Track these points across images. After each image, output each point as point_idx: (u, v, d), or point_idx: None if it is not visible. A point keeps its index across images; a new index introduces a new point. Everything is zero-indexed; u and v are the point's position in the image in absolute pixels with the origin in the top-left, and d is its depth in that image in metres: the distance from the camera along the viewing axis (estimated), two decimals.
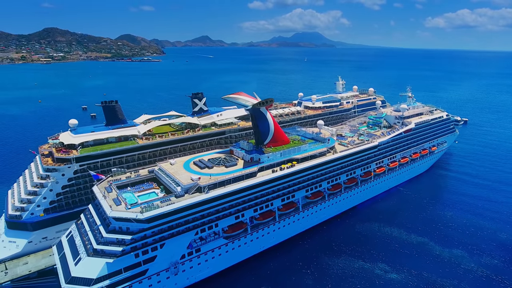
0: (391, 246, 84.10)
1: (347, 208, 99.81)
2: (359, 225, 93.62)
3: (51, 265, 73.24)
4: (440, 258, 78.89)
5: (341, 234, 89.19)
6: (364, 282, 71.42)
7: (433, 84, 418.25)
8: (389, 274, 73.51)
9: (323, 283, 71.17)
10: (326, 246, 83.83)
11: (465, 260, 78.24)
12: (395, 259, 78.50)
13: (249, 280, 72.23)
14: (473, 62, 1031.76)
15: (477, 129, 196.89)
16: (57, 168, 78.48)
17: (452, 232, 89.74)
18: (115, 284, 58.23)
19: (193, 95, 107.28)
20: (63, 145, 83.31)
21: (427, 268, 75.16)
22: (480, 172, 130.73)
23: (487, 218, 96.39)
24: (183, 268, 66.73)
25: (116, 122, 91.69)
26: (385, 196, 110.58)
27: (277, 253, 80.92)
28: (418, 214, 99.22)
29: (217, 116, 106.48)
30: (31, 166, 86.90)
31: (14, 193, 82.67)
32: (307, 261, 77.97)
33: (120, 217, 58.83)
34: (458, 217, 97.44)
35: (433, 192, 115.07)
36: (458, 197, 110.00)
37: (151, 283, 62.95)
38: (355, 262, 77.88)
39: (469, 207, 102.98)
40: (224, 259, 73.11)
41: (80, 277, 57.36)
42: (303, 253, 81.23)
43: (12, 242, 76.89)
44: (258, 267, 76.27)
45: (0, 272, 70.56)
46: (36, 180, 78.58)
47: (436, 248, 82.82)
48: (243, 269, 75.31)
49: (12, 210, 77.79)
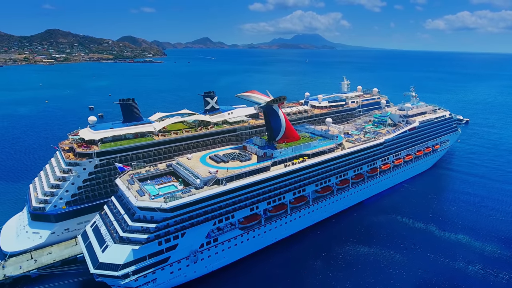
0: (398, 234, 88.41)
1: (354, 203, 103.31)
2: (366, 218, 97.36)
3: (74, 254, 76.89)
4: (446, 245, 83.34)
5: (350, 226, 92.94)
6: (372, 265, 75.62)
7: (434, 85, 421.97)
8: (396, 257, 77.23)
9: (335, 268, 74.72)
10: (336, 237, 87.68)
11: (470, 245, 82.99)
12: (402, 246, 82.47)
13: (264, 268, 75.67)
14: (473, 64, 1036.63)
15: (478, 129, 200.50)
16: (79, 163, 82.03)
17: (456, 221, 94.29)
18: (140, 270, 61.69)
19: (205, 93, 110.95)
20: (83, 140, 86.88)
21: (434, 253, 78.84)
22: (481, 171, 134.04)
23: (488, 213, 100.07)
24: (202, 257, 70.20)
25: (133, 119, 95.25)
26: (390, 192, 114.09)
27: (289, 244, 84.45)
28: (423, 208, 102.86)
29: (228, 114, 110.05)
30: (51, 161, 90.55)
31: (37, 187, 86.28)
32: (318, 250, 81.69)
33: (146, 206, 62.38)
34: (462, 210, 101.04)
35: (437, 189, 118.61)
36: (460, 194, 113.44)
37: (173, 270, 66.41)
38: (364, 249, 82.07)
39: (472, 203, 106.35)
40: (240, 249, 76.57)
41: (107, 263, 60.81)
42: (314, 243, 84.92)
43: (36, 233, 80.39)
44: (272, 257, 79.78)
45: (27, 261, 73.94)
46: (59, 174, 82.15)
47: (442, 235, 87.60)
48: (258, 259, 78.75)
49: (36, 202, 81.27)
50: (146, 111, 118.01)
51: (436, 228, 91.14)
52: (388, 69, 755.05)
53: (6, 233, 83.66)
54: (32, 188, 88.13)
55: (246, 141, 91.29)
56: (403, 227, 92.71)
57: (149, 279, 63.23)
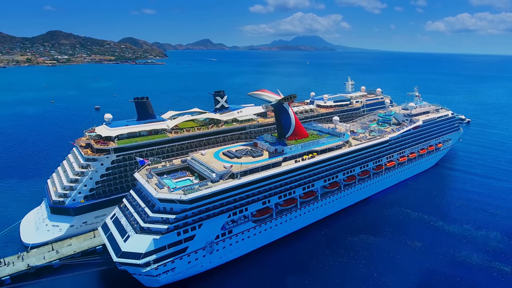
0: (403, 226, 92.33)
1: (360, 199, 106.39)
2: (373, 212, 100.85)
3: (93, 246, 79.92)
4: (450, 237, 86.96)
5: (358, 219, 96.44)
6: (379, 254, 79.64)
7: (435, 86, 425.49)
8: (402, 247, 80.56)
9: (344, 258, 77.96)
10: (344, 230, 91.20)
11: (473, 237, 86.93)
12: (408, 237, 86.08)
13: (275, 260, 78.73)
14: (474, 66, 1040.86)
15: (480, 129, 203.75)
16: (97, 158, 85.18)
17: (459, 216, 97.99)
18: (160, 259, 64.74)
19: (215, 93, 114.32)
20: (100, 137, 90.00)
21: (439, 244, 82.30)
22: (483, 169, 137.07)
23: (491, 209, 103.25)
24: (217, 248, 73.23)
25: (147, 117, 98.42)
26: (395, 189, 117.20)
27: (299, 238, 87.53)
28: (427, 203, 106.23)
29: (237, 113, 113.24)
30: (69, 157, 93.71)
31: (55, 182, 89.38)
32: (327, 242, 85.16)
33: (166, 198, 65.46)
34: (465, 206, 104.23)
35: (440, 186, 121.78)
36: (463, 191, 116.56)
37: (190, 260, 69.43)
38: (371, 239, 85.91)
39: (475, 200, 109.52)
40: (253, 241, 79.60)
41: (130, 251, 63.85)
42: (323, 237, 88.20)
43: (56, 226, 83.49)
44: (283, 249, 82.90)
45: (48, 252, 76.98)
46: (77, 169, 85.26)
47: (446, 227, 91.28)
48: (269, 251, 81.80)
49: (56, 196, 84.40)
50: (156, 110, 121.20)
51: (441, 221, 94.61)
52: (389, 70, 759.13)
53: (26, 227, 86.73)
54: (50, 183, 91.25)
55: (257, 138, 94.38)
56: (408, 220, 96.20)
57: (168, 268, 66.26)
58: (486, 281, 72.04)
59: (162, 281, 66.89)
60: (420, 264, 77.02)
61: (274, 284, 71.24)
